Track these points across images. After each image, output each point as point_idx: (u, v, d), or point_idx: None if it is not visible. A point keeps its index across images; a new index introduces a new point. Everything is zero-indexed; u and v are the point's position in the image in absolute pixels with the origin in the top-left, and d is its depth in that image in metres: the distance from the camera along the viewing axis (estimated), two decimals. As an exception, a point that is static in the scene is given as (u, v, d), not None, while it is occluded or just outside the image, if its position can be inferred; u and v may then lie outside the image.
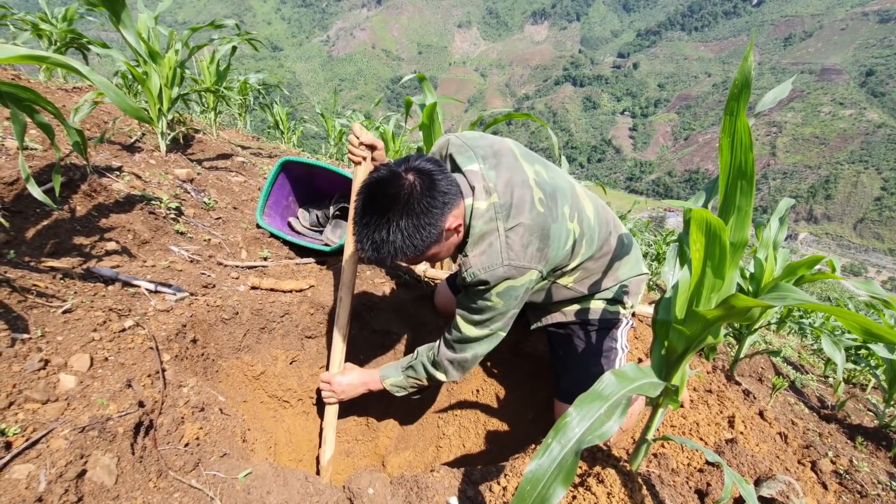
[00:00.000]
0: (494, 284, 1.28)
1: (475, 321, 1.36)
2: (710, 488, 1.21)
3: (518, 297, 1.33)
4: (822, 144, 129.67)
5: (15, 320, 1.19)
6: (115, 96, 1.14)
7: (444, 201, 1.21)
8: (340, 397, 1.64)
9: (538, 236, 1.29)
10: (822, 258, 1.85)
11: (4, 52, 0.94)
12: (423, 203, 1.18)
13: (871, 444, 1.91)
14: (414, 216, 1.18)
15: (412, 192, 1.18)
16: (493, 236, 1.27)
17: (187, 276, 1.70)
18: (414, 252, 1.22)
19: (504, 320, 1.37)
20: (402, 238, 1.18)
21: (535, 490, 0.77)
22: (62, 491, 0.90)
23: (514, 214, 1.27)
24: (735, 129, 0.85)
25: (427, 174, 1.20)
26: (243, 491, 1.12)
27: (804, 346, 3.79)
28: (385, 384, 1.57)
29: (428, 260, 1.33)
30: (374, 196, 1.20)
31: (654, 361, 1.08)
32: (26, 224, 1.51)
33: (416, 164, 1.22)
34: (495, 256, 1.26)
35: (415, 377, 1.52)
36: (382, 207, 1.19)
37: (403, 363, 1.56)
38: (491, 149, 1.37)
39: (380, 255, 1.22)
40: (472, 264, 1.28)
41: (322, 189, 2.43)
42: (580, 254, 1.44)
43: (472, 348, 1.41)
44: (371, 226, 1.19)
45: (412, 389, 1.57)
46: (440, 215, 1.20)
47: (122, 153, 2.19)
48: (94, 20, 3.54)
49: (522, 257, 1.27)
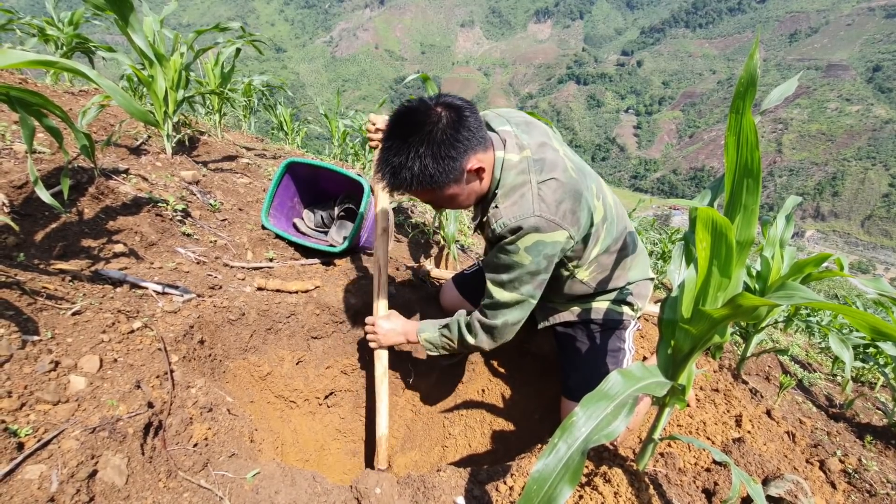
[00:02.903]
0: (523, 235, 1.25)
1: (503, 281, 1.33)
2: (718, 488, 1.21)
3: (546, 257, 1.28)
4: (828, 141, 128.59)
5: (25, 322, 1.20)
6: (121, 99, 1.15)
7: (469, 137, 1.19)
8: (381, 341, 1.62)
9: (571, 196, 1.27)
10: (830, 256, 1.84)
11: (14, 58, 0.95)
12: (447, 134, 1.17)
13: (879, 442, 1.89)
14: (435, 145, 1.16)
15: (438, 122, 1.17)
16: (525, 188, 1.26)
17: (194, 278, 1.72)
18: (431, 183, 1.20)
19: (533, 284, 1.32)
20: (421, 166, 1.17)
21: (541, 490, 0.77)
22: (73, 491, 0.91)
23: (548, 170, 1.27)
24: (741, 128, 0.84)
25: (456, 109, 1.20)
26: (252, 491, 1.13)
27: (811, 345, 3.76)
28: (420, 337, 1.54)
29: (447, 202, 1.31)
30: (400, 122, 1.20)
31: (661, 360, 1.07)
32: (35, 227, 1.53)
33: (447, 99, 1.22)
34: (527, 207, 1.24)
35: (448, 337, 1.49)
36: (406, 133, 1.18)
37: (442, 322, 1.54)
38: (524, 120, 1.40)
39: (396, 180, 1.20)
40: (503, 214, 1.26)
41: (327, 190, 2.44)
42: (600, 238, 1.43)
43: (502, 314, 1.37)
44: (392, 150, 1.19)
45: (444, 351, 1.54)
46: (463, 151, 1.19)
47: (129, 156, 2.21)
48: (100, 24, 3.55)
49: (555, 212, 1.25)
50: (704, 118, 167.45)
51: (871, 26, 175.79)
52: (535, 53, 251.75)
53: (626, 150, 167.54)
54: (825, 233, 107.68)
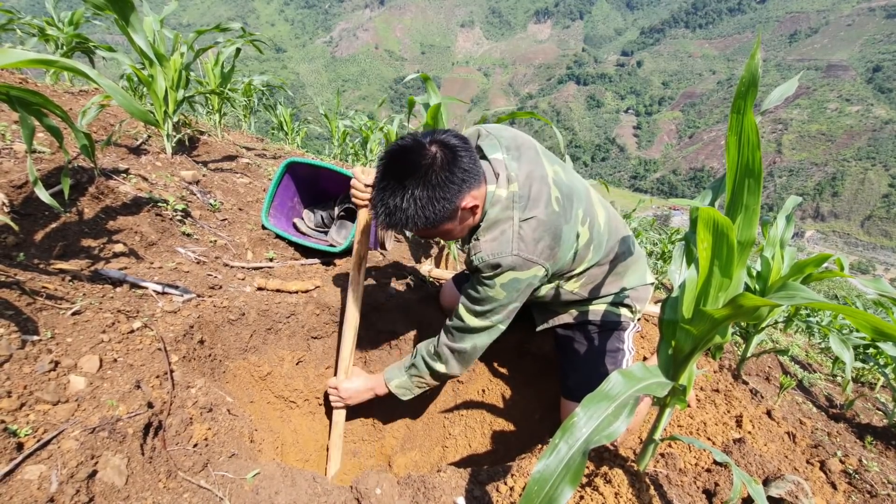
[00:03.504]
0: (500, 273, 1.28)
1: (476, 311, 1.36)
2: (718, 488, 1.21)
3: (520, 291, 1.32)
4: (828, 141, 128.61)
5: (25, 322, 1.20)
6: (121, 99, 1.15)
7: (463, 178, 1.19)
8: (347, 402, 1.64)
9: (550, 234, 1.28)
10: (830, 256, 1.84)
11: (14, 57, 0.95)
12: (442, 176, 1.17)
13: (880, 443, 1.89)
14: (430, 188, 1.16)
15: (433, 163, 1.17)
16: (506, 224, 1.27)
17: (194, 278, 1.71)
18: (425, 224, 1.21)
19: (504, 313, 1.36)
20: (416, 208, 1.17)
21: (542, 490, 0.77)
22: (73, 491, 0.91)
23: (531, 207, 1.27)
24: (742, 128, 0.84)
25: (451, 149, 1.19)
26: (252, 491, 1.13)
27: (812, 345, 3.76)
28: (390, 386, 1.55)
29: (441, 236, 1.33)
30: (395, 162, 1.20)
31: (662, 361, 1.07)
32: (35, 227, 1.53)
33: (442, 137, 1.22)
34: (506, 245, 1.26)
35: (418, 375, 1.51)
36: (401, 174, 1.18)
37: (406, 362, 1.55)
38: (514, 141, 1.39)
39: (392, 221, 1.21)
40: (482, 249, 1.28)
41: (327, 190, 2.44)
42: (586, 259, 1.44)
43: (471, 339, 1.40)
44: (387, 191, 1.19)
45: (418, 391, 1.55)
46: (457, 192, 1.19)
47: (129, 156, 2.20)
48: (100, 24, 3.55)
49: (532, 251, 1.27)
50: (704, 118, 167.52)
51: (871, 26, 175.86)
52: (534, 54, 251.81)
53: (625, 150, 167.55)
54: (825, 233, 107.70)
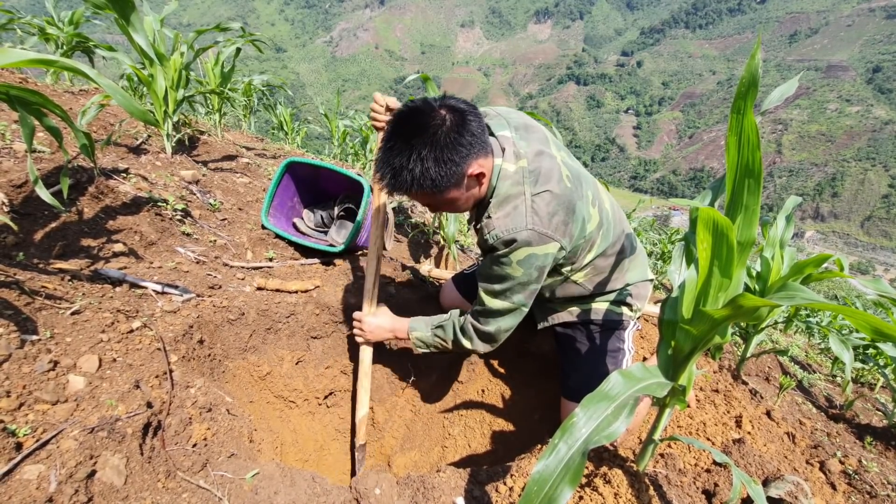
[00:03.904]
0: (515, 249, 1.25)
1: (495, 291, 1.34)
2: (718, 489, 1.20)
3: (538, 268, 1.29)
4: (828, 142, 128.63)
5: (24, 322, 1.20)
6: (121, 99, 1.15)
7: (472, 142, 1.18)
8: (368, 337, 1.62)
9: (564, 208, 1.27)
10: (830, 256, 1.84)
11: (14, 56, 0.95)
12: (450, 137, 1.16)
13: (880, 443, 1.89)
14: (438, 148, 1.15)
15: (442, 124, 1.16)
16: (518, 199, 1.25)
17: (194, 277, 1.71)
18: (431, 187, 1.18)
19: (525, 293, 1.33)
20: (422, 168, 1.16)
21: (542, 490, 0.77)
22: (72, 491, 0.91)
23: (543, 181, 1.26)
24: (742, 128, 0.84)
25: (460, 112, 1.19)
26: (251, 491, 1.12)
27: (811, 346, 3.76)
28: (412, 336, 1.54)
29: (446, 205, 1.30)
30: (403, 123, 1.18)
31: (661, 361, 1.07)
32: (35, 226, 1.52)
33: (451, 101, 1.21)
34: (519, 220, 1.24)
35: (441, 337, 1.49)
36: (408, 134, 1.17)
37: (434, 321, 1.53)
38: (523, 122, 1.38)
39: (397, 182, 1.19)
40: (496, 226, 1.26)
41: (327, 190, 2.44)
42: (596, 244, 1.43)
43: (495, 322, 1.38)
44: (394, 150, 1.17)
45: (434, 349, 1.54)
46: (465, 155, 1.18)
47: (129, 155, 2.20)
48: (100, 23, 3.56)
49: (547, 225, 1.25)
50: (704, 119, 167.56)
51: (871, 27, 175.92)
52: (535, 54, 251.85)
53: (625, 150, 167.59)
54: (825, 233, 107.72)
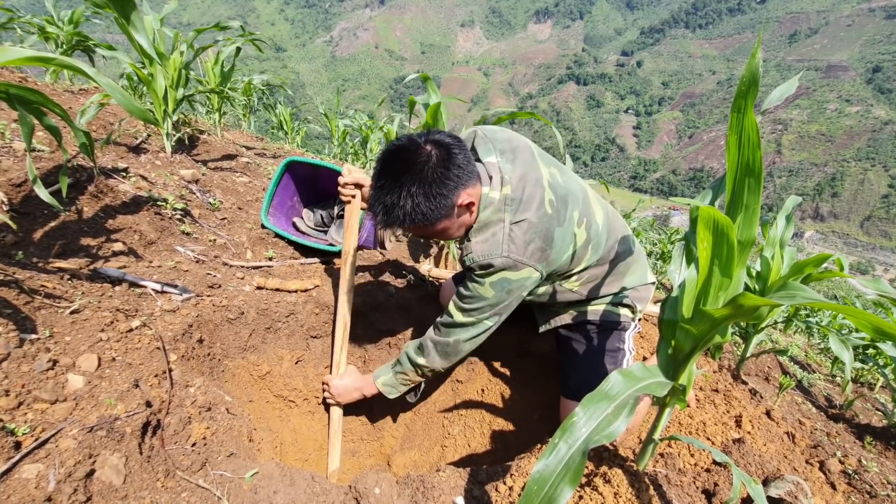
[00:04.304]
0: (490, 273, 1.30)
1: (463, 308, 1.38)
2: (718, 488, 1.20)
3: (511, 292, 1.33)
4: (828, 142, 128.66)
5: (23, 321, 1.20)
6: (120, 97, 1.15)
7: (458, 174, 1.22)
8: (339, 400, 1.66)
9: (541, 236, 1.30)
10: (830, 256, 1.84)
11: (11, 55, 0.95)
12: (437, 173, 1.19)
13: (879, 443, 1.89)
14: (426, 184, 1.19)
15: (428, 160, 1.20)
16: (497, 227, 1.29)
17: (193, 277, 1.71)
18: (423, 221, 1.23)
19: (491, 312, 1.37)
20: (413, 204, 1.20)
21: (542, 490, 0.77)
22: (71, 490, 0.91)
23: (523, 209, 1.29)
24: (743, 127, 0.84)
25: (445, 147, 1.22)
26: (250, 491, 1.12)
27: (811, 345, 3.76)
28: (377, 384, 1.58)
29: (438, 235, 1.34)
30: (391, 161, 1.22)
31: (661, 361, 1.07)
32: (34, 225, 1.52)
33: (436, 136, 1.24)
34: (496, 247, 1.28)
35: (402, 372, 1.54)
36: (397, 172, 1.20)
37: (393, 361, 1.59)
38: (509, 144, 1.40)
39: (389, 219, 1.24)
40: (473, 250, 1.31)
41: (326, 189, 2.44)
42: (584, 259, 1.45)
43: (455, 333, 1.42)
44: (384, 189, 1.21)
45: (403, 388, 1.58)
46: (453, 188, 1.21)
47: (128, 154, 2.20)
48: (100, 23, 3.55)
49: (523, 253, 1.28)
50: (704, 119, 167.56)
51: (870, 27, 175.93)
52: (534, 53, 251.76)
53: (625, 150, 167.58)
54: (824, 233, 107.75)
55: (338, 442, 1.70)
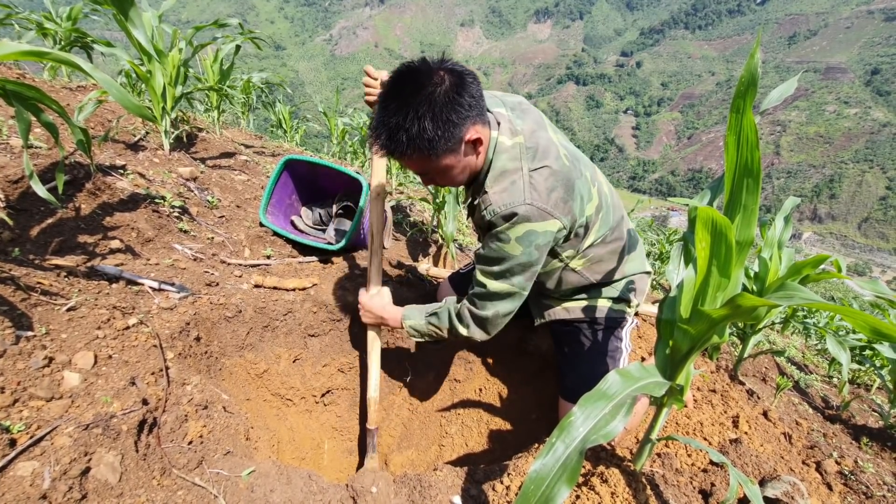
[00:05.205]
0: (515, 224, 1.22)
1: (493, 272, 1.30)
2: (714, 488, 1.20)
3: (538, 247, 1.26)
4: (826, 143, 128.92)
5: (19, 318, 1.19)
6: (117, 93, 1.15)
7: (471, 105, 1.16)
8: (361, 318, 1.61)
9: (563, 184, 1.25)
10: (828, 257, 1.84)
11: (6, 49, 0.94)
12: (449, 97, 1.13)
13: (876, 444, 1.90)
14: (436, 107, 1.12)
15: (440, 83, 1.13)
16: (516, 175, 1.24)
17: (191, 275, 1.71)
18: (428, 149, 1.15)
19: (524, 275, 1.29)
20: (419, 128, 1.12)
21: (539, 489, 0.77)
22: (66, 488, 0.90)
23: (541, 157, 1.25)
24: (741, 127, 0.84)
25: (458, 74, 1.16)
26: (247, 489, 1.12)
27: (808, 347, 3.77)
28: (405, 324, 1.50)
29: (441, 175, 1.26)
30: (401, 83, 1.16)
31: (659, 361, 1.07)
32: (31, 222, 1.52)
33: (451, 64, 1.18)
34: (517, 195, 1.22)
35: (436, 325, 1.45)
36: (406, 93, 1.14)
37: (429, 308, 1.50)
38: (518, 103, 1.39)
39: (392, 142, 1.16)
40: (493, 201, 1.24)
41: (325, 188, 2.43)
42: (594, 228, 1.41)
43: (493, 305, 1.34)
44: (390, 110, 1.15)
45: (429, 339, 1.50)
46: (464, 117, 1.15)
47: (126, 152, 2.19)
48: (98, 19, 3.53)
49: (546, 200, 1.22)
50: (703, 119, 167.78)
51: (869, 29, 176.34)
52: (534, 53, 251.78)
53: (624, 150, 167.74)
54: (822, 235, 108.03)
55: (377, 372, 1.63)
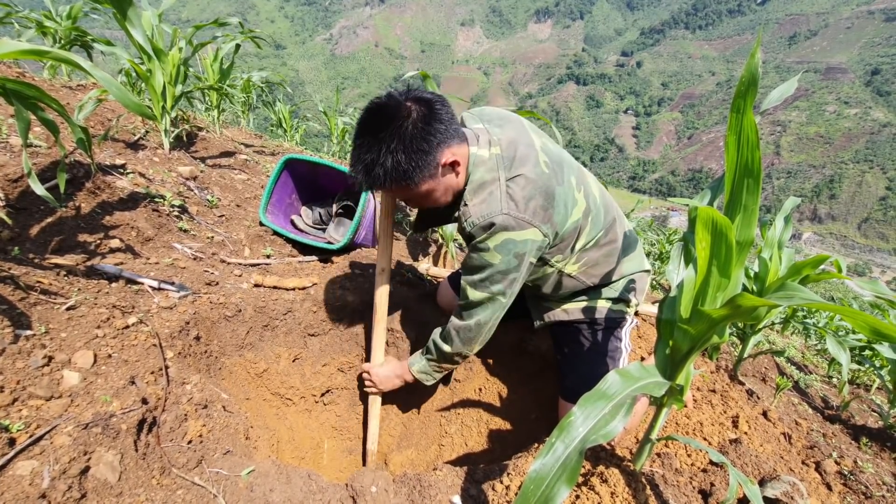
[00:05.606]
0: (493, 234, 1.24)
1: (474, 281, 1.33)
2: (714, 488, 1.20)
3: (517, 255, 1.27)
4: (826, 144, 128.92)
5: (19, 317, 1.19)
6: (117, 92, 1.14)
7: (441, 130, 1.18)
8: (380, 388, 1.65)
9: (541, 193, 1.25)
10: (827, 258, 1.84)
11: (5, 48, 0.94)
12: (418, 127, 1.16)
13: (875, 444, 1.90)
14: (407, 140, 1.15)
15: (408, 116, 1.16)
16: (493, 185, 1.25)
17: (190, 274, 1.71)
18: (405, 180, 1.19)
19: (504, 283, 1.31)
20: (393, 161, 1.16)
21: (538, 489, 0.77)
22: (66, 487, 0.90)
23: (517, 166, 1.26)
24: (742, 127, 0.84)
25: (426, 103, 1.19)
26: (246, 488, 1.12)
27: (808, 347, 3.77)
28: (413, 371, 1.56)
29: (424, 199, 1.30)
30: (371, 119, 1.19)
31: (659, 361, 1.07)
32: (31, 221, 1.51)
33: (417, 93, 1.21)
34: (495, 205, 1.24)
35: (431, 359, 1.52)
36: (376, 129, 1.17)
37: (423, 348, 1.56)
38: (499, 116, 1.39)
39: (370, 178, 1.19)
40: (472, 213, 1.26)
41: (325, 187, 2.43)
42: (585, 231, 1.41)
43: (474, 314, 1.37)
44: (364, 147, 1.18)
45: (438, 374, 1.56)
46: (435, 144, 1.18)
47: (126, 151, 2.19)
48: (98, 18, 3.53)
49: (524, 209, 1.24)
50: (703, 120, 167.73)
51: (870, 29, 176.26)
52: (534, 53, 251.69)
53: (624, 150, 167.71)
54: (822, 235, 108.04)
55: (376, 426, 1.74)
